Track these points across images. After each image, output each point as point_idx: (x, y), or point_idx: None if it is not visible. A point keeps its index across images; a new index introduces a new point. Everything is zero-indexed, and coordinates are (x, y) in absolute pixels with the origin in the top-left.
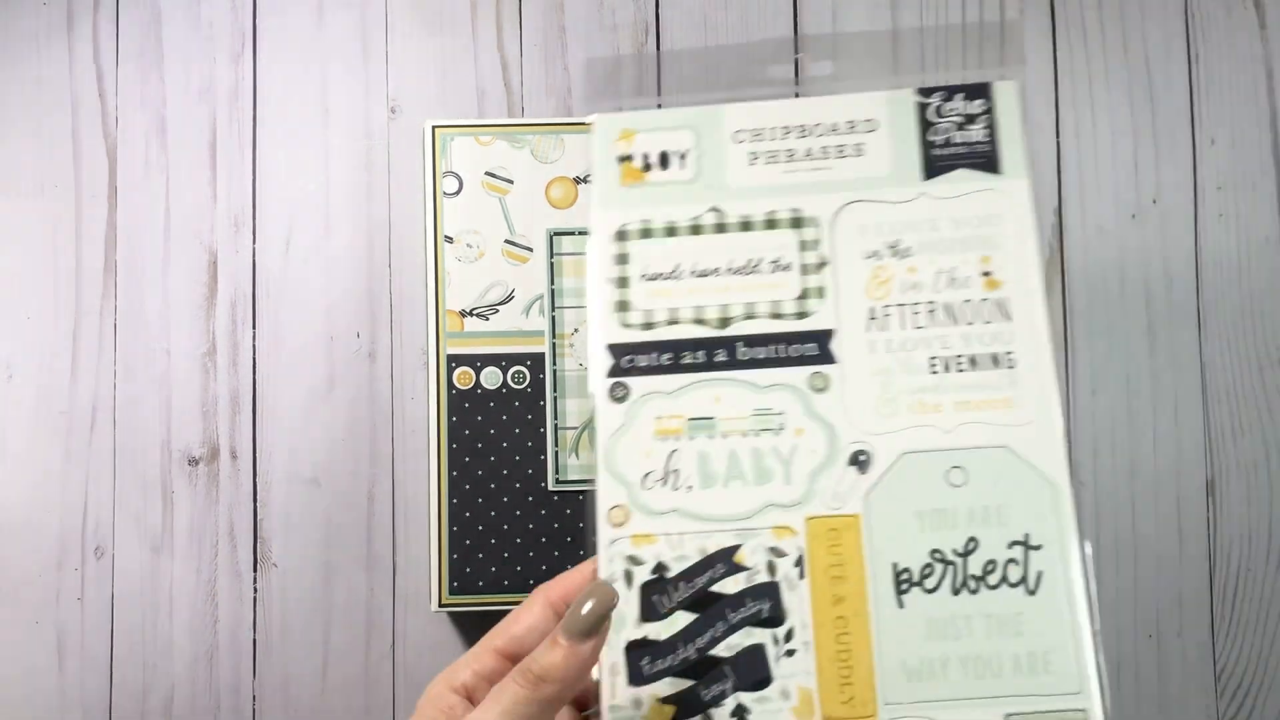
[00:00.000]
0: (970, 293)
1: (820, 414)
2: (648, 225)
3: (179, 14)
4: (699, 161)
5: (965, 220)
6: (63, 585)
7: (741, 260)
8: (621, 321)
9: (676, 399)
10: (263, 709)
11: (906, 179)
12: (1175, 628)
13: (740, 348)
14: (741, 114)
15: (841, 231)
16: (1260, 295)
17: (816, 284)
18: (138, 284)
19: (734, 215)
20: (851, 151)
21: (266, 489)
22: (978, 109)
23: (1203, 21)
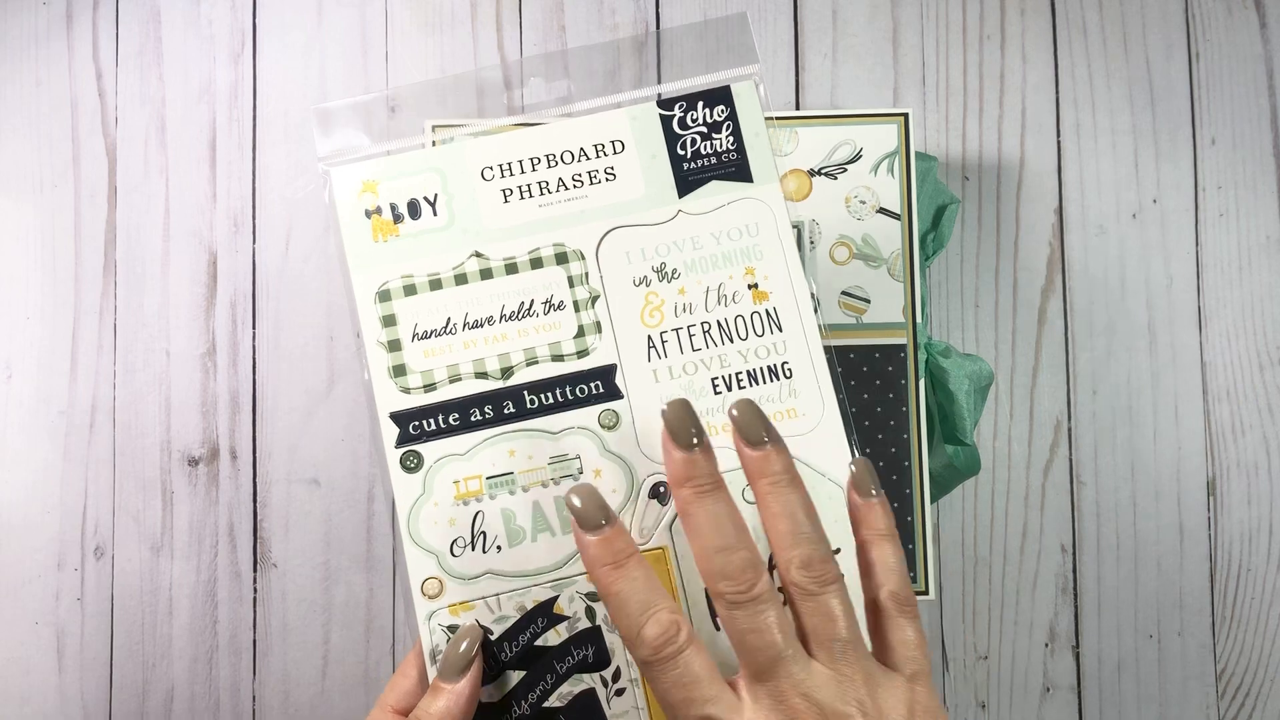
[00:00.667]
0: (740, 308)
1: (615, 451)
2: (410, 281)
3: (179, 13)
4: (450, 205)
5: (725, 233)
6: (62, 585)
7: (514, 304)
8: (401, 387)
9: (471, 459)
10: (263, 709)
11: (662, 198)
12: (1176, 628)
13: (527, 396)
14: (485, 149)
15: (607, 261)
16: (1260, 295)
17: (592, 320)
18: (137, 284)
19: (498, 258)
20: (604, 176)
21: (266, 489)
22: (720, 115)
23: (1203, 21)
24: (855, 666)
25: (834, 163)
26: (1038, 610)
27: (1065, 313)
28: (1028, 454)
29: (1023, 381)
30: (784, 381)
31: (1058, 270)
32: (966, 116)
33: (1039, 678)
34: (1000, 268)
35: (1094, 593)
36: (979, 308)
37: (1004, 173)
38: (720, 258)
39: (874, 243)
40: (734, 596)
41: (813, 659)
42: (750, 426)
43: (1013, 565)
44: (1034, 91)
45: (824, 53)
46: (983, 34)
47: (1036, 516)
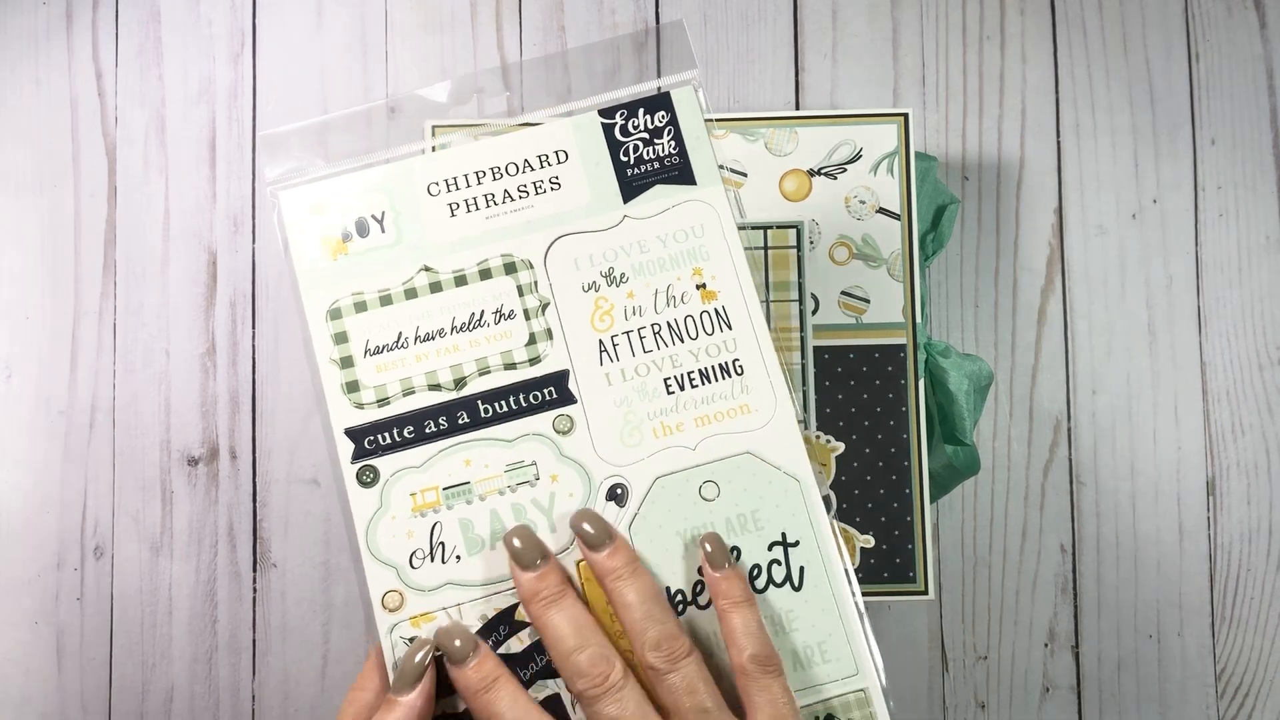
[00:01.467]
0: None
1: (571, 456)
2: (360, 298)
3: (178, 13)
4: (398, 223)
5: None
6: (62, 585)
7: (464, 316)
8: (354, 403)
9: (427, 471)
10: (262, 709)
11: (607, 205)
12: (1176, 628)
13: (481, 405)
14: (430, 164)
15: (555, 269)
16: (1260, 295)
17: (543, 327)
18: (137, 284)
19: (446, 271)
20: (549, 185)
21: (266, 489)
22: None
23: (1203, 21)
24: None
25: (834, 163)
26: (1037, 610)
27: (1065, 313)
28: (1028, 454)
29: (1023, 381)
30: (736, 378)
31: (1058, 270)
32: (966, 116)
33: (1039, 678)
34: (1000, 268)
35: (1094, 593)
36: (979, 308)
37: (1004, 173)
38: (667, 260)
39: (874, 243)
40: (592, 692)
41: None
42: (594, 535)
43: (1012, 565)
44: (1034, 91)
45: (824, 53)
46: (983, 34)
47: (1036, 516)
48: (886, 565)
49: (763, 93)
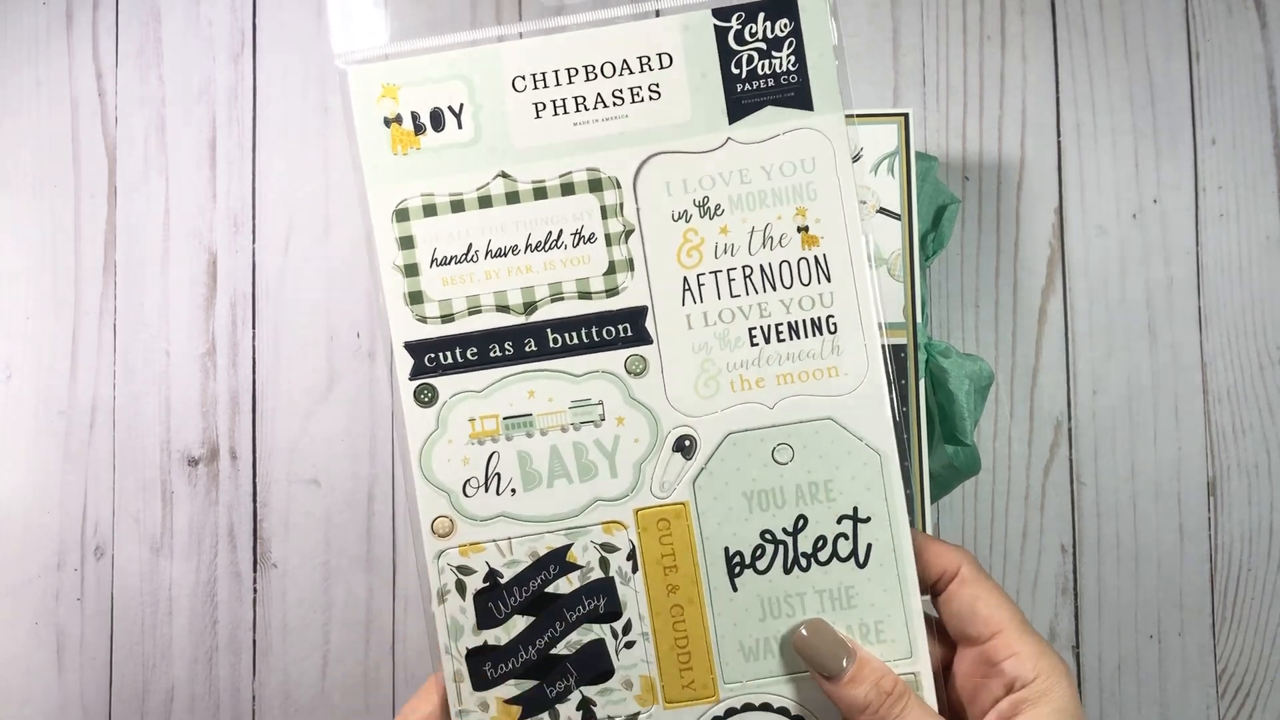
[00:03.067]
0: (788, 253)
1: (640, 400)
2: (430, 200)
3: (178, 13)
4: (477, 118)
5: (777, 167)
6: (63, 585)
7: (540, 234)
8: (417, 315)
9: (488, 398)
10: (262, 709)
11: (710, 123)
12: (1176, 628)
13: (550, 335)
14: (519, 54)
15: (645, 192)
16: (1260, 295)
17: (624, 256)
18: (137, 284)
19: (525, 180)
20: (648, 94)
21: (266, 489)
22: (783, 31)
23: (1203, 21)
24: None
25: None
26: (1038, 610)
27: (1065, 313)
28: (1028, 454)
29: (1023, 381)
30: (828, 336)
31: (1058, 270)
32: (966, 116)
33: None
34: (1000, 268)
35: (1094, 593)
36: (979, 308)
37: (1004, 173)
38: (770, 195)
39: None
40: None
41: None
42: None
43: (1013, 565)
44: (1034, 91)
45: None
46: (983, 34)
47: (1036, 516)
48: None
49: None
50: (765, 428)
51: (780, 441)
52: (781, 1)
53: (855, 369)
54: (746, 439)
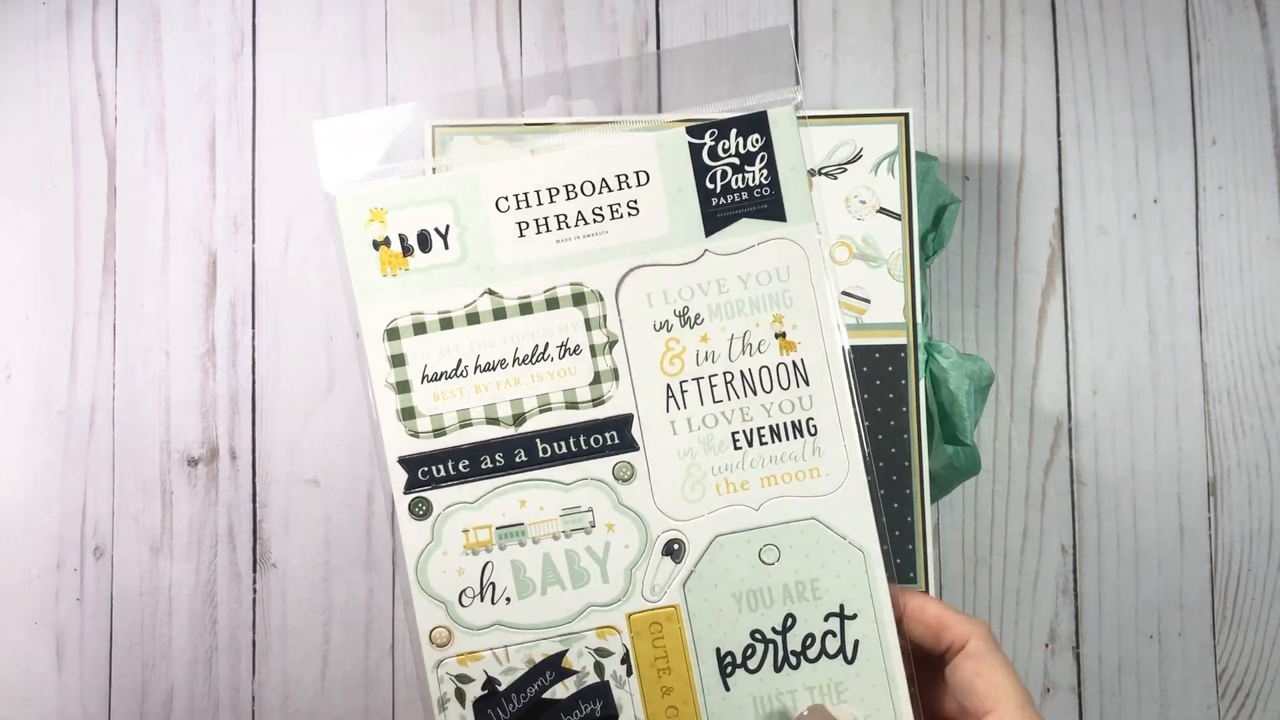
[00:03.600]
0: (766, 358)
1: (629, 506)
2: (420, 318)
3: (178, 13)
4: (463, 238)
5: (754, 276)
6: (62, 585)
7: (527, 347)
8: (409, 430)
9: (481, 509)
10: (262, 709)
11: (688, 236)
12: (1176, 628)
13: (540, 445)
14: (500, 177)
15: (627, 303)
16: (1260, 295)
17: (609, 366)
18: (137, 284)
19: (511, 297)
20: (626, 210)
21: (266, 489)
22: (755, 146)
23: (1203, 21)
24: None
25: (834, 163)
26: (1038, 610)
27: (1066, 313)
28: (1028, 454)
29: (1023, 381)
30: (808, 438)
31: (1058, 270)
32: (966, 116)
33: (1039, 678)
34: (1000, 268)
35: (1094, 593)
36: (979, 308)
37: (1004, 173)
38: (747, 303)
39: (874, 243)
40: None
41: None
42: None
43: (1013, 565)
44: (1034, 91)
45: (824, 53)
46: (983, 34)
47: (1036, 516)
48: (887, 565)
49: None
50: (751, 529)
51: (767, 542)
52: (753, 118)
53: (836, 469)
54: (734, 541)
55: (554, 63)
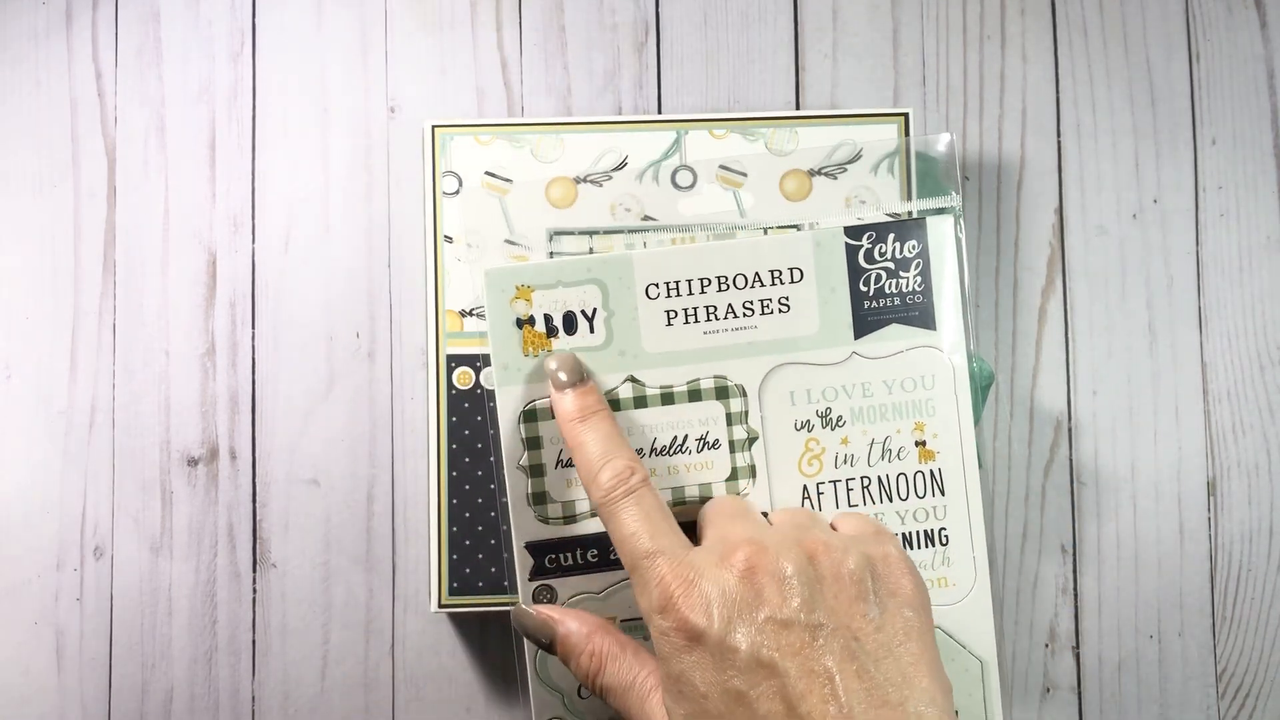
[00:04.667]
0: (905, 465)
1: None
2: None
3: (178, 13)
4: (609, 323)
5: (899, 382)
6: (62, 585)
7: (666, 438)
8: (539, 516)
9: (607, 600)
10: (261, 709)
11: (836, 337)
12: (1176, 628)
13: None
14: (653, 263)
15: (770, 400)
16: (1260, 295)
17: (747, 463)
18: (136, 284)
19: (654, 386)
20: (778, 306)
21: (266, 489)
22: (911, 252)
23: (1203, 21)
24: (811, 520)
25: (834, 163)
26: (1038, 611)
27: (1065, 313)
28: (1028, 454)
29: (1023, 381)
30: (939, 548)
31: (1058, 270)
32: (966, 116)
33: (1039, 678)
34: (1000, 268)
35: (1094, 593)
36: (979, 308)
37: (1004, 173)
38: (890, 409)
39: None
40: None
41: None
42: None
43: (1013, 565)
44: (1034, 91)
45: (824, 53)
46: (983, 34)
47: (1037, 516)
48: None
49: (763, 93)
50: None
51: None
52: (911, 225)
53: (964, 580)
54: None
55: (554, 63)
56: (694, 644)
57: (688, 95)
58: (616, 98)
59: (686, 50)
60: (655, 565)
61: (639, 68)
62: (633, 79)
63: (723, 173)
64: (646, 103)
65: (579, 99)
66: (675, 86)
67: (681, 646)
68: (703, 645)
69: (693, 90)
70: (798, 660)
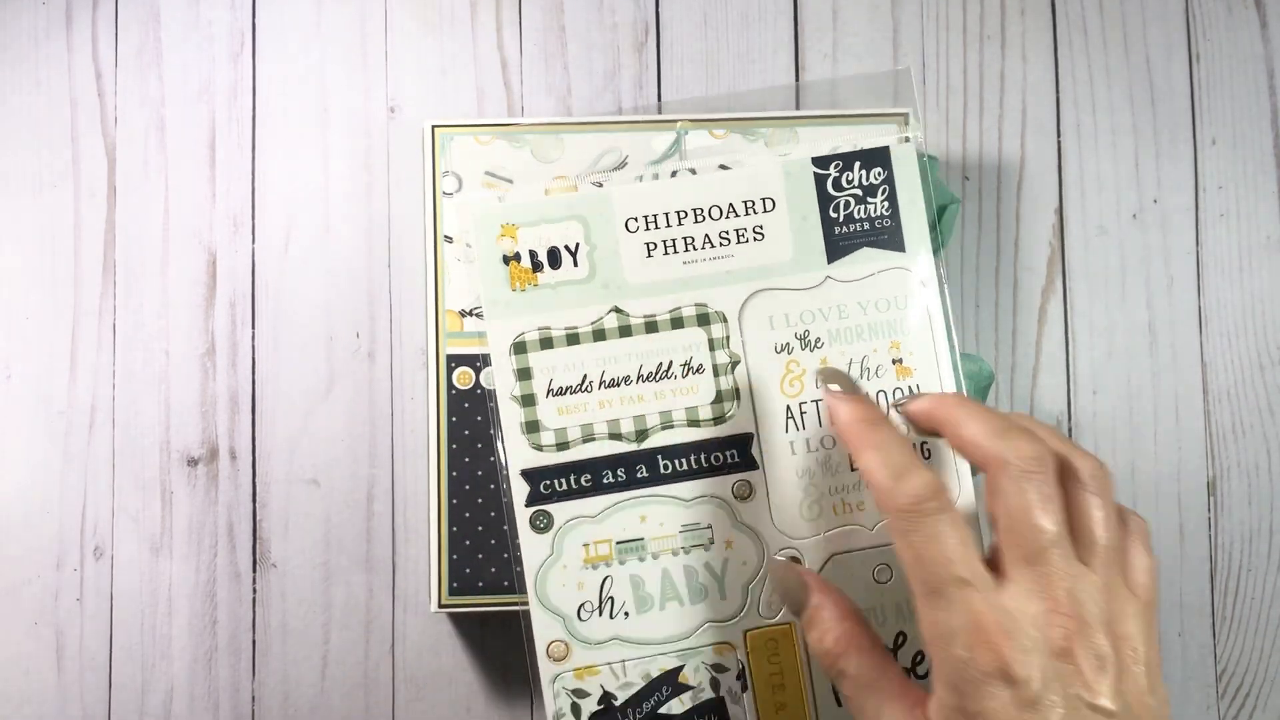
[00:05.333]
0: (883, 382)
1: (747, 523)
2: (546, 333)
3: (178, 13)
4: (592, 257)
5: (872, 303)
6: (61, 585)
7: (652, 365)
8: (533, 444)
9: (602, 523)
10: (261, 710)
11: (810, 263)
12: (1176, 628)
13: (661, 461)
14: (631, 198)
15: (750, 325)
16: (1261, 295)
17: (730, 385)
18: (136, 284)
19: (638, 315)
20: (752, 235)
21: (266, 489)
22: (877, 179)
23: (1203, 21)
24: (1113, 573)
25: None
26: None
27: (1065, 313)
28: None
29: (1023, 381)
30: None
31: (1058, 270)
32: (966, 116)
33: None
34: (1000, 268)
35: None
36: (979, 308)
37: (1004, 173)
38: (866, 329)
39: None
40: (1022, 465)
41: (1078, 558)
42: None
43: None
44: (1034, 91)
45: (824, 53)
46: (983, 34)
47: None
48: None
49: (763, 93)
50: (866, 549)
51: (880, 562)
52: (876, 152)
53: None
54: (849, 560)
55: (554, 63)
56: (1005, 688)
57: (688, 95)
58: (616, 98)
59: (686, 50)
60: (968, 597)
61: (639, 68)
62: (633, 79)
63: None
64: (646, 103)
65: (579, 99)
66: (675, 86)
67: (991, 687)
68: (1013, 692)
69: (693, 90)
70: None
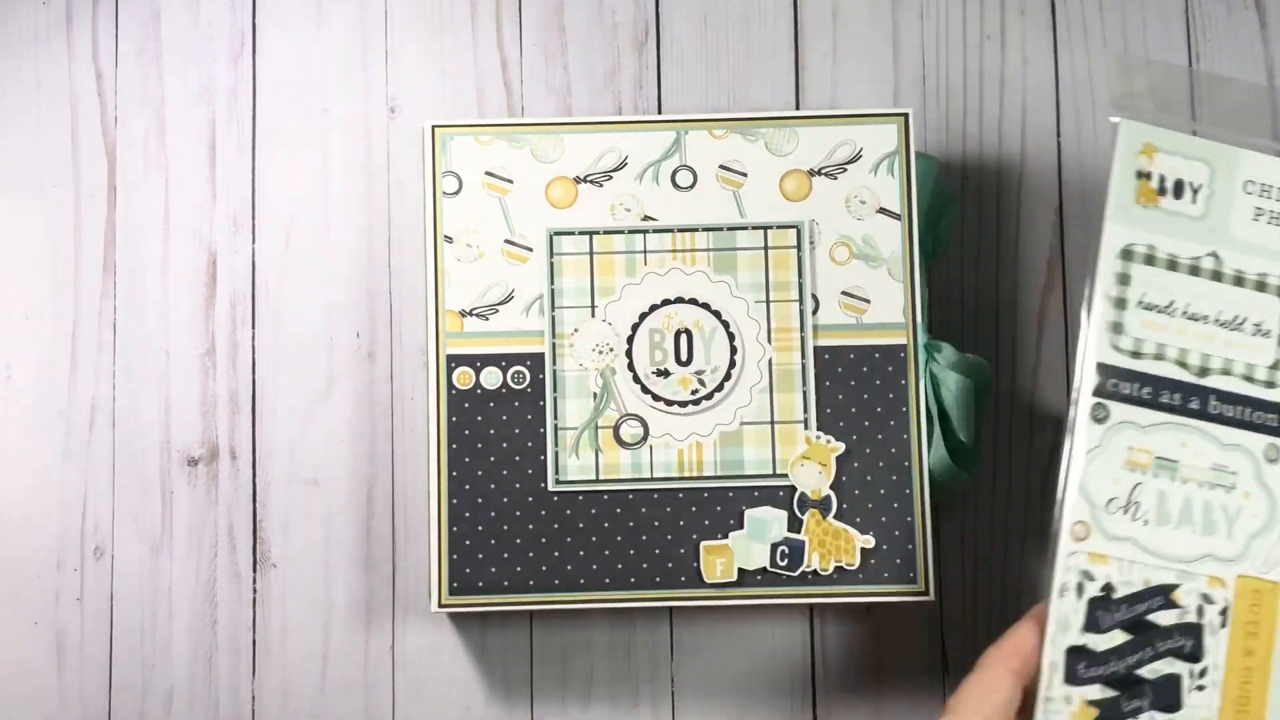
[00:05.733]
0: None
1: (1268, 483)
2: (1152, 252)
3: (178, 13)
4: (1209, 201)
5: None
6: (62, 585)
7: (1229, 315)
8: (1113, 343)
9: (1148, 434)
10: (261, 710)
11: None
12: None
13: (1212, 401)
14: (1257, 165)
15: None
16: None
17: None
18: (137, 284)
19: (1230, 267)
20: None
21: (266, 489)
22: None
23: (1203, 21)
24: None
25: (834, 163)
26: None
27: (1065, 313)
28: (1028, 454)
29: (1023, 382)
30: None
31: (1058, 270)
32: (966, 116)
33: None
34: (1000, 268)
35: None
36: (979, 308)
37: (1004, 173)
38: None
39: (874, 243)
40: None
41: None
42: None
43: (1013, 565)
44: (1034, 91)
45: (824, 53)
46: (983, 34)
47: (1037, 517)
48: (886, 565)
49: (763, 93)
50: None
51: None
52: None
53: None
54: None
55: (554, 63)
56: None
57: (688, 95)
58: (616, 98)
59: (686, 50)
60: None
61: (639, 68)
62: (633, 79)
63: (722, 173)
64: (646, 103)
65: (579, 99)
66: (675, 86)
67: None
68: None
69: (693, 90)
70: None
